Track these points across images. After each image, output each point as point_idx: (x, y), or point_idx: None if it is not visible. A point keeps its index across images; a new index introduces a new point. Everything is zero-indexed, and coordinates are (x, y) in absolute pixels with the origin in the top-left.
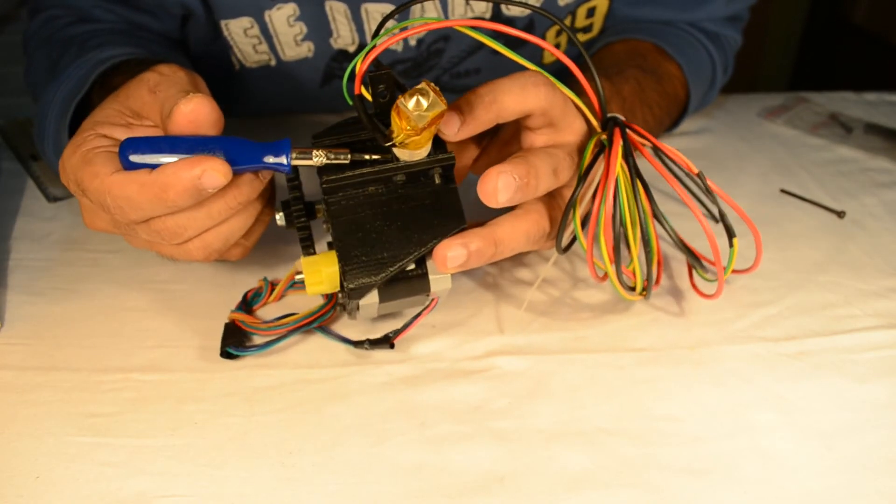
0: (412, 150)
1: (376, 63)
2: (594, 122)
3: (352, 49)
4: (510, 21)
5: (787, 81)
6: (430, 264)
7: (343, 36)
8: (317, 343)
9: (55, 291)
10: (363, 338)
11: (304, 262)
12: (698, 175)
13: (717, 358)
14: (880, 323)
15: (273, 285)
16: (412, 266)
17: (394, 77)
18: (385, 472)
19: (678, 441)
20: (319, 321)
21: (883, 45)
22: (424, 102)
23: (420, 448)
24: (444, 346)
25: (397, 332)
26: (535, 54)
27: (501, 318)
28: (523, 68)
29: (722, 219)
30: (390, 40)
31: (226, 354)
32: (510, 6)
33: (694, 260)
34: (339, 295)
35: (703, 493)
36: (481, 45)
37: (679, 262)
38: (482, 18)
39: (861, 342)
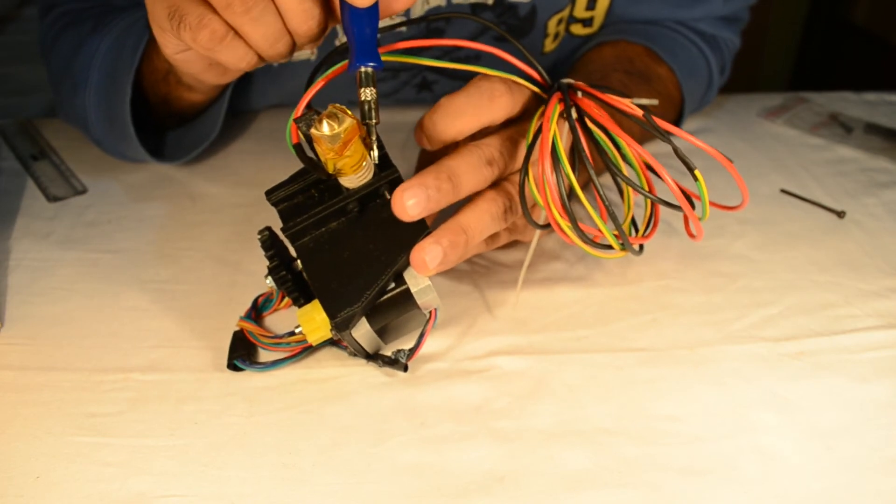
0: (353, 176)
1: (307, 107)
2: (539, 92)
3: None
4: (513, 7)
5: (787, 81)
6: (408, 278)
7: (344, 37)
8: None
9: (55, 291)
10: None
11: (298, 314)
12: (643, 117)
13: (717, 358)
14: (880, 323)
15: (282, 295)
16: (392, 284)
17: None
18: (385, 472)
19: (678, 441)
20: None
21: (883, 45)
22: (335, 124)
23: (420, 448)
24: (444, 346)
25: (409, 354)
26: (535, 43)
27: (501, 318)
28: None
29: (675, 153)
30: (312, 90)
31: (233, 367)
32: None
33: (663, 204)
34: (333, 334)
35: (703, 493)
36: (483, 32)
37: (678, 263)
38: (484, 4)
39: (861, 342)
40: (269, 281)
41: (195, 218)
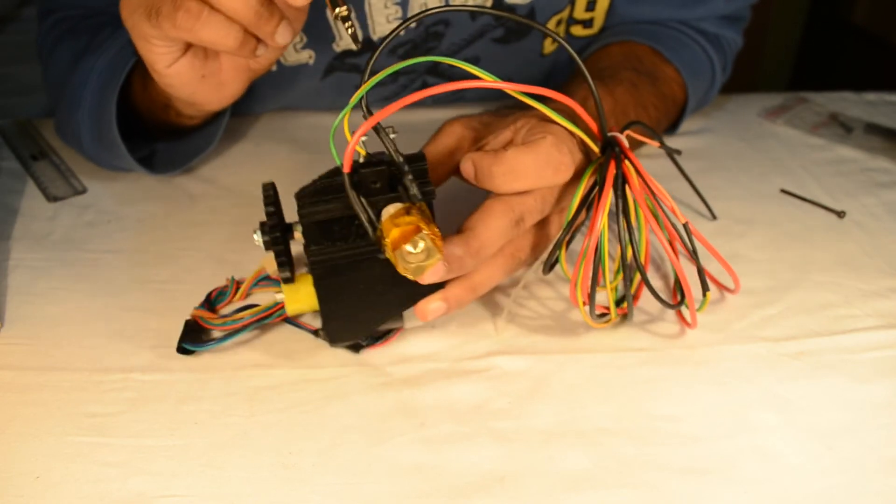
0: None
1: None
2: (593, 147)
3: (355, 48)
4: (511, 9)
5: (787, 81)
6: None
7: (346, 38)
8: (317, 343)
9: (55, 291)
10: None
11: (283, 286)
12: (684, 226)
13: (717, 358)
14: (880, 323)
15: (239, 284)
16: None
17: (386, 169)
18: (385, 472)
19: (678, 441)
20: (279, 314)
21: (883, 45)
22: (422, 255)
23: (420, 448)
24: (444, 346)
25: (371, 342)
26: (534, 45)
27: (501, 318)
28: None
29: (699, 273)
30: (382, 114)
31: (182, 350)
32: None
33: (662, 302)
34: (321, 335)
35: (702, 493)
36: (482, 34)
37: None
38: (483, 7)
39: (861, 342)
40: (258, 237)
41: (195, 218)
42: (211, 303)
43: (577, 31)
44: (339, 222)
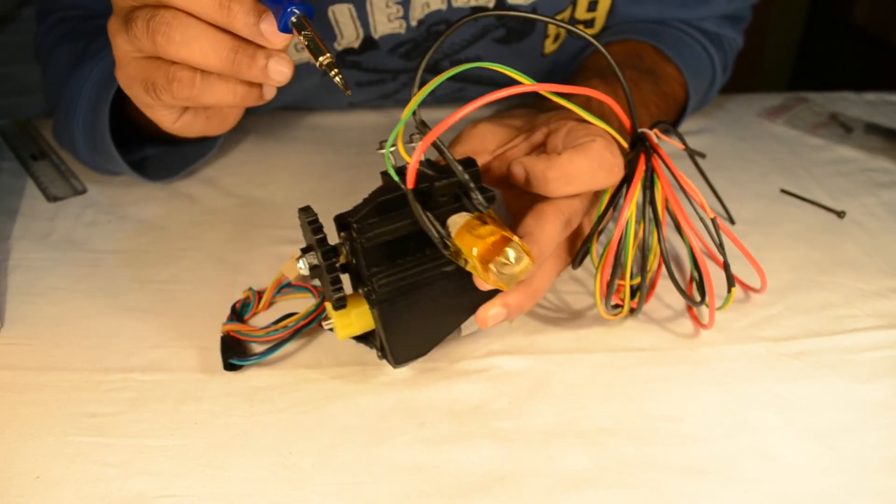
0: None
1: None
2: (623, 144)
3: (356, 45)
4: (513, 9)
5: (787, 81)
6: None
7: (347, 36)
8: (317, 343)
9: (55, 291)
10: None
11: (333, 312)
12: (713, 221)
13: (717, 358)
14: (880, 323)
15: (259, 294)
16: None
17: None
18: (385, 472)
19: (678, 441)
20: (318, 319)
21: (883, 45)
22: (516, 264)
23: (420, 448)
24: (444, 346)
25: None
26: (535, 45)
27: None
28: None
29: (726, 269)
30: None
31: (229, 367)
32: None
33: (687, 298)
34: (378, 356)
35: (702, 493)
36: (484, 34)
37: (677, 268)
38: (485, 8)
39: (861, 342)
40: (303, 265)
41: (195, 218)
42: (238, 314)
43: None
44: (396, 241)
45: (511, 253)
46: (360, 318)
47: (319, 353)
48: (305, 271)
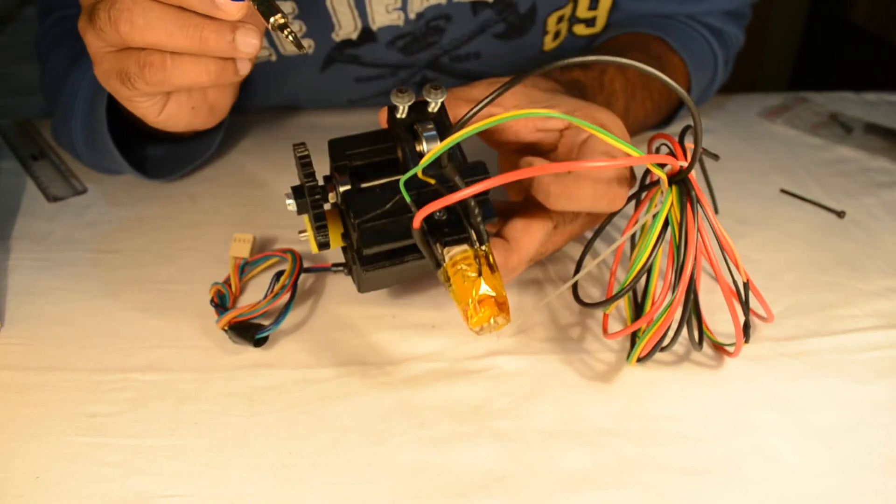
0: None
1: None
2: (664, 178)
3: (354, 36)
4: (513, 4)
5: (787, 81)
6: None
7: (345, 27)
8: (317, 343)
9: (55, 291)
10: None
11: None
12: (745, 284)
13: (716, 357)
14: (880, 323)
15: (227, 283)
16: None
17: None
18: (385, 472)
19: (678, 441)
20: (303, 269)
21: (883, 45)
22: (491, 328)
23: (420, 448)
24: (444, 346)
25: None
26: (534, 41)
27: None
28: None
29: (745, 327)
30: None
31: (258, 343)
32: None
33: (719, 346)
34: (348, 264)
35: (703, 493)
36: (483, 29)
37: None
38: (485, 2)
39: (861, 342)
40: (291, 203)
41: (195, 218)
42: (223, 306)
43: (580, 29)
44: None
45: (492, 321)
46: (335, 236)
47: (319, 353)
48: (293, 208)
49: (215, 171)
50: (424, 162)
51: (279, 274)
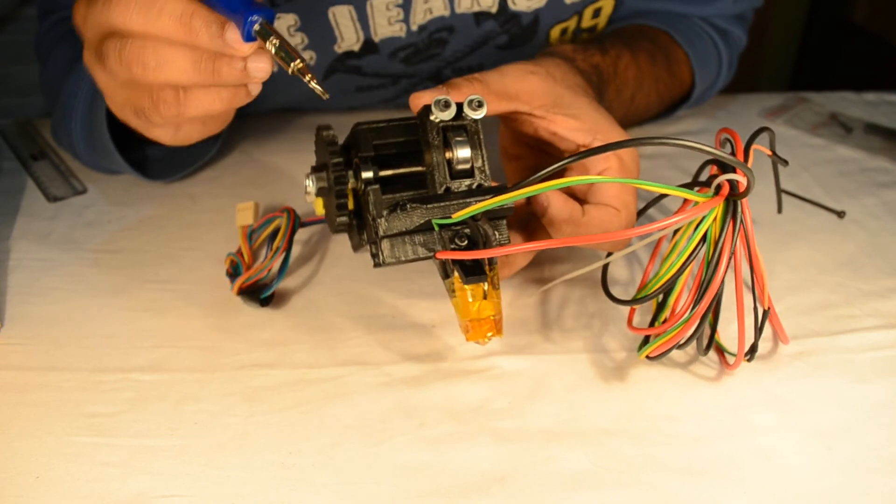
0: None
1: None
2: (696, 199)
3: (356, 48)
4: (516, 16)
5: (787, 81)
6: None
7: (347, 39)
8: (317, 343)
9: (55, 291)
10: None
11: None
12: (765, 312)
13: (717, 358)
14: (880, 323)
15: (239, 254)
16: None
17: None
18: (385, 472)
19: (678, 441)
20: (299, 223)
21: (883, 45)
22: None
23: (420, 448)
24: (444, 346)
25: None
26: (537, 50)
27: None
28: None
29: (751, 349)
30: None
31: (265, 302)
32: (516, 1)
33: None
34: (366, 239)
35: (702, 493)
36: (486, 41)
37: None
38: (488, 13)
39: (861, 342)
40: (311, 183)
41: (195, 218)
42: (238, 275)
43: (582, 37)
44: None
45: (489, 337)
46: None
47: (319, 353)
48: (312, 189)
49: (216, 171)
50: (462, 215)
51: (276, 232)
